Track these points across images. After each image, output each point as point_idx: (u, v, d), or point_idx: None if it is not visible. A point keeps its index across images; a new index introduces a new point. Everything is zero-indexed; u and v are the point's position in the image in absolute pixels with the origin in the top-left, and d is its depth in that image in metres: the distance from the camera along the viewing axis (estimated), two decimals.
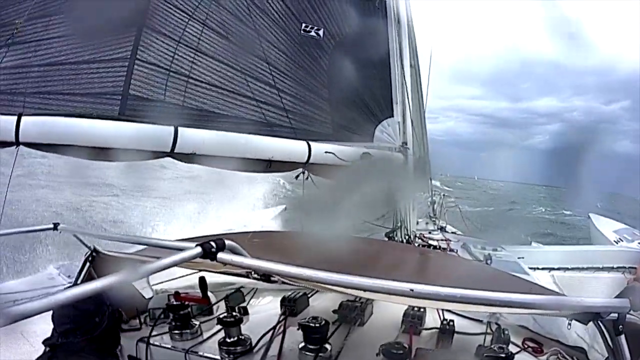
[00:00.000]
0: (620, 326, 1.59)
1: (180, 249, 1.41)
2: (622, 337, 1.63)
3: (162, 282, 3.38)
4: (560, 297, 1.44)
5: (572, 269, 6.40)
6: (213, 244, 1.48)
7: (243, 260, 1.53)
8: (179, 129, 2.63)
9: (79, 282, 2.84)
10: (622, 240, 7.76)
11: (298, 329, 2.53)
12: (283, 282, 2.24)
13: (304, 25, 3.47)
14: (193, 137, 2.68)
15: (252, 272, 2.13)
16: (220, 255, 1.48)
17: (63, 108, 2.67)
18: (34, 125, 2.42)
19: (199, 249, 1.44)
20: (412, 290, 1.30)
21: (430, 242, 5.18)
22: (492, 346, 2.26)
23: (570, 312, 1.79)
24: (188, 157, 2.74)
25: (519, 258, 5.70)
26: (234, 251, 1.54)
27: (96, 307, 2.05)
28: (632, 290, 1.38)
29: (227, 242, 1.53)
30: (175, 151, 2.63)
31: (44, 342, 2.04)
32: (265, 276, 2.00)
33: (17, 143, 2.40)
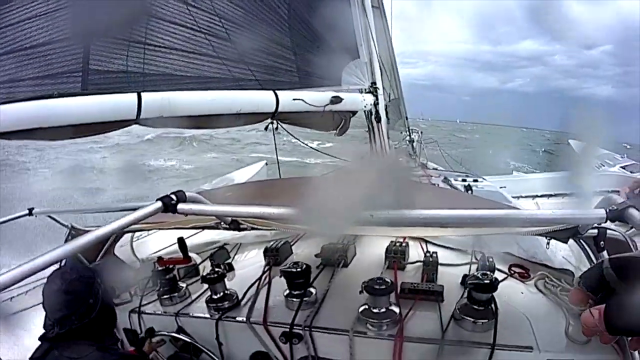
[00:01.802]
0: (602, 242, 1.60)
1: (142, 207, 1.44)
2: (605, 253, 1.64)
3: (152, 254, 3.42)
4: (530, 211, 1.38)
5: (556, 195, 6.43)
6: (173, 196, 1.51)
7: (202, 207, 1.55)
8: (142, 94, 2.61)
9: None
10: (604, 165, 7.79)
11: (281, 277, 2.57)
12: (252, 229, 2.25)
13: None
14: (157, 100, 2.65)
15: (221, 223, 2.14)
16: (180, 206, 1.51)
17: (24, 94, 2.65)
18: None
19: (159, 204, 1.47)
20: (371, 215, 1.31)
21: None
22: (477, 273, 2.28)
23: (545, 228, 1.79)
24: (155, 122, 2.73)
25: (501, 187, 5.73)
26: (195, 201, 1.56)
27: (87, 288, 2.04)
28: (608, 200, 1.34)
29: (188, 193, 1.55)
30: (141, 117, 2.61)
31: (40, 338, 2.06)
32: (234, 223, 2.02)
33: None
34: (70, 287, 2.00)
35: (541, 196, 6.40)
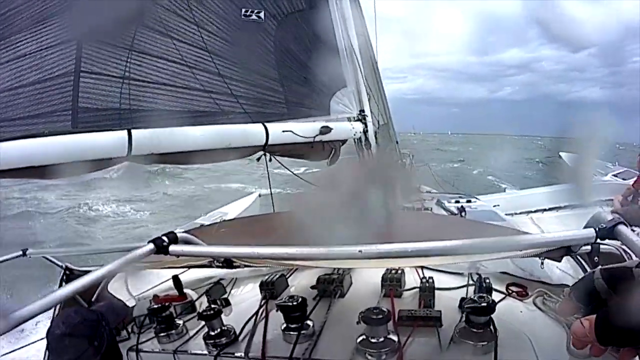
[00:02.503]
0: (596, 258, 1.62)
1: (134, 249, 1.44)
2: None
3: (149, 289, 3.39)
4: (520, 237, 1.39)
5: (550, 209, 6.47)
6: (165, 238, 1.50)
7: (194, 249, 1.55)
8: (132, 130, 2.62)
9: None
10: (596, 175, 7.87)
11: (277, 311, 2.54)
12: (246, 266, 2.24)
13: (243, 10, 3.46)
14: (147, 136, 2.67)
15: (215, 261, 2.14)
16: (172, 247, 1.50)
17: (13, 133, 2.65)
18: None
19: (150, 246, 1.47)
20: (360, 251, 1.30)
21: (403, 204, 5.18)
22: (473, 296, 2.27)
23: (537, 250, 1.81)
24: (147, 159, 2.74)
25: (494, 206, 5.76)
26: (187, 242, 1.56)
27: (91, 331, 2.00)
28: (598, 219, 1.34)
29: (179, 234, 1.55)
30: (132, 154, 2.62)
31: None
32: (227, 262, 2.02)
33: None
34: (74, 331, 1.97)
35: (535, 211, 6.44)
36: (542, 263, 2.29)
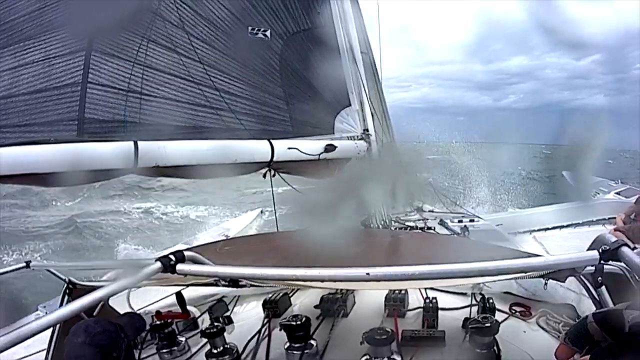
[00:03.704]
0: (599, 278, 1.63)
1: (141, 267, 1.43)
2: (603, 288, 1.68)
3: (150, 305, 3.35)
4: (527, 259, 1.38)
5: (553, 227, 6.47)
6: (172, 257, 1.49)
7: (202, 268, 1.53)
8: (139, 142, 2.62)
9: None
10: (599, 193, 7.88)
11: (280, 330, 2.53)
12: (252, 285, 2.23)
13: (250, 28, 3.49)
14: (154, 149, 2.66)
15: (220, 280, 2.14)
16: (179, 267, 1.49)
17: (20, 139, 2.63)
18: None
19: (158, 264, 1.45)
20: (368, 274, 1.29)
21: (407, 223, 5.19)
22: (477, 317, 2.28)
23: (540, 272, 1.82)
24: (152, 171, 2.73)
25: (497, 225, 5.75)
26: (195, 261, 1.55)
27: (111, 342, 1.98)
28: (601, 241, 1.32)
29: (187, 253, 1.54)
30: (138, 165, 2.61)
31: None
32: (233, 281, 2.01)
33: None
34: (94, 341, 1.94)
35: (538, 230, 6.42)
36: (546, 284, 2.29)
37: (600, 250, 1.27)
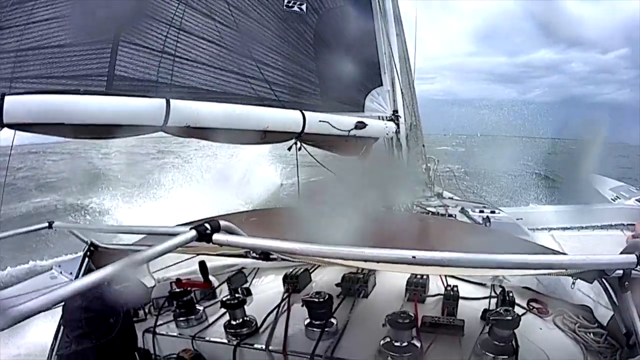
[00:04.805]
0: (627, 282, 1.60)
1: (176, 234, 1.36)
2: (628, 293, 1.64)
3: (162, 269, 3.31)
4: (566, 256, 1.40)
5: (571, 228, 6.41)
6: (207, 225, 1.44)
7: (239, 239, 1.48)
8: (171, 101, 2.56)
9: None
10: (619, 198, 7.80)
11: (302, 306, 2.54)
12: (283, 259, 2.18)
13: (286, 1, 3.44)
14: (186, 109, 2.60)
15: (251, 252, 2.09)
16: (215, 236, 1.44)
17: (48, 89, 2.59)
18: (19, 104, 2.29)
19: (193, 232, 1.40)
20: (414, 257, 1.26)
21: (428, 208, 5.14)
22: (499, 309, 2.25)
23: (575, 270, 1.79)
24: (182, 131, 2.67)
25: (517, 219, 5.69)
26: (229, 231, 1.49)
27: (109, 308, 1.96)
28: (636, 245, 1.32)
29: (222, 222, 1.49)
30: (168, 124, 2.55)
31: (57, 353, 1.96)
32: (264, 254, 1.97)
33: (1, 125, 2.30)
34: (91, 305, 1.91)
35: (557, 229, 6.35)
36: (574, 283, 2.27)
37: (638, 254, 1.28)
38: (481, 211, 5.34)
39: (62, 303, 1.65)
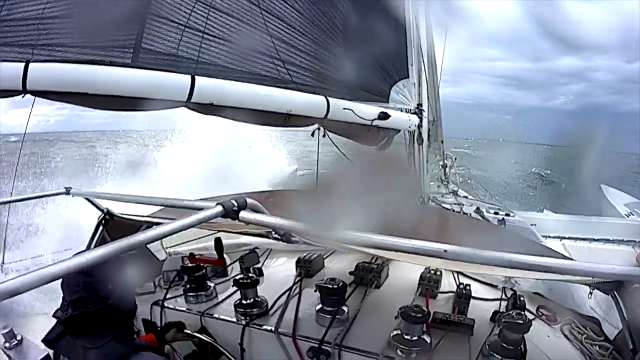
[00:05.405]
0: None
1: (199, 209, 1.34)
2: None
3: (174, 246, 3.31)
4: (592, 264, 1.33)
5: (583, 239, 6.39)
6: (234, 202, 1.40)
7: (265, 218, 1.44)
8: (196, 77, 2.53)
9: (92, 247, 2.74)
10: (633, 214, 7.77)
11: (315, 291, 2.52)
12: (305, 243, 2.16)
13: None
14: (211, 86, 2.58)
15: (272, 232, 2.06)
16: (242, 214, 1.41)
17: (73, 58, 2.57)
18: (42, 71, 2.28)
19: (219, 208, 1.37)
20: (445, 251, 1.23)
21: (444, 205, 5.12)
22: (511, 312, 2.23)
23: (593, 279, 1.75)
24: (205, 108, 2.65)
25: (531, 225, 5.67)
26: (255, 210, 1.46)
27: (108, 273, 1.89)
28: None
29: (248, 200, 1.45)
30: (192, 100, 2.52)
31: (54, 315, 1.93)
32: (286, 236, 1.94)
33: (24, 91, 2.28)
34: (90, 269, 1.88)
35: (568, 238, 6.33)
36: (591, 293, 2.24)
37: None
38: (496, 213, 5.33)
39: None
